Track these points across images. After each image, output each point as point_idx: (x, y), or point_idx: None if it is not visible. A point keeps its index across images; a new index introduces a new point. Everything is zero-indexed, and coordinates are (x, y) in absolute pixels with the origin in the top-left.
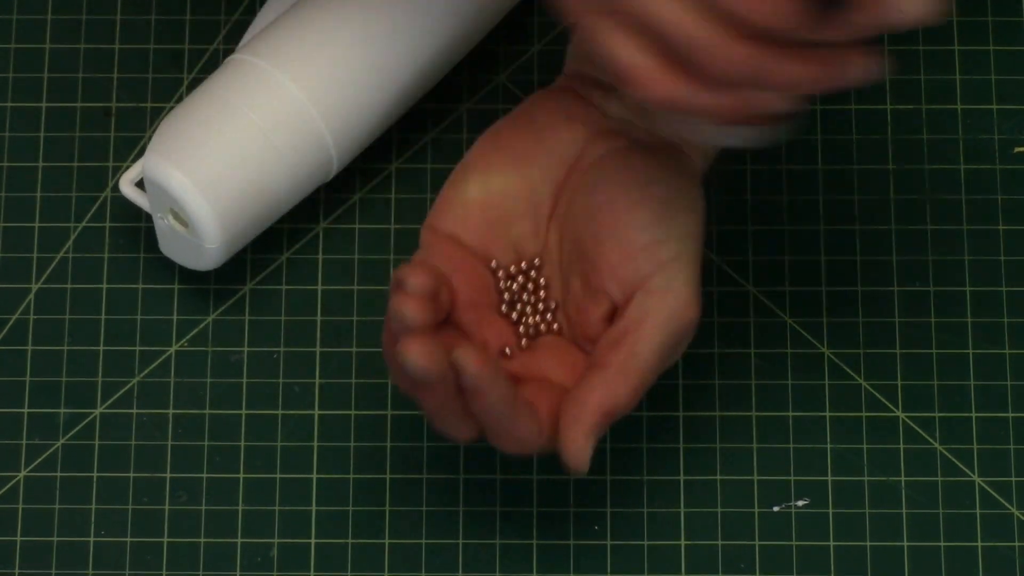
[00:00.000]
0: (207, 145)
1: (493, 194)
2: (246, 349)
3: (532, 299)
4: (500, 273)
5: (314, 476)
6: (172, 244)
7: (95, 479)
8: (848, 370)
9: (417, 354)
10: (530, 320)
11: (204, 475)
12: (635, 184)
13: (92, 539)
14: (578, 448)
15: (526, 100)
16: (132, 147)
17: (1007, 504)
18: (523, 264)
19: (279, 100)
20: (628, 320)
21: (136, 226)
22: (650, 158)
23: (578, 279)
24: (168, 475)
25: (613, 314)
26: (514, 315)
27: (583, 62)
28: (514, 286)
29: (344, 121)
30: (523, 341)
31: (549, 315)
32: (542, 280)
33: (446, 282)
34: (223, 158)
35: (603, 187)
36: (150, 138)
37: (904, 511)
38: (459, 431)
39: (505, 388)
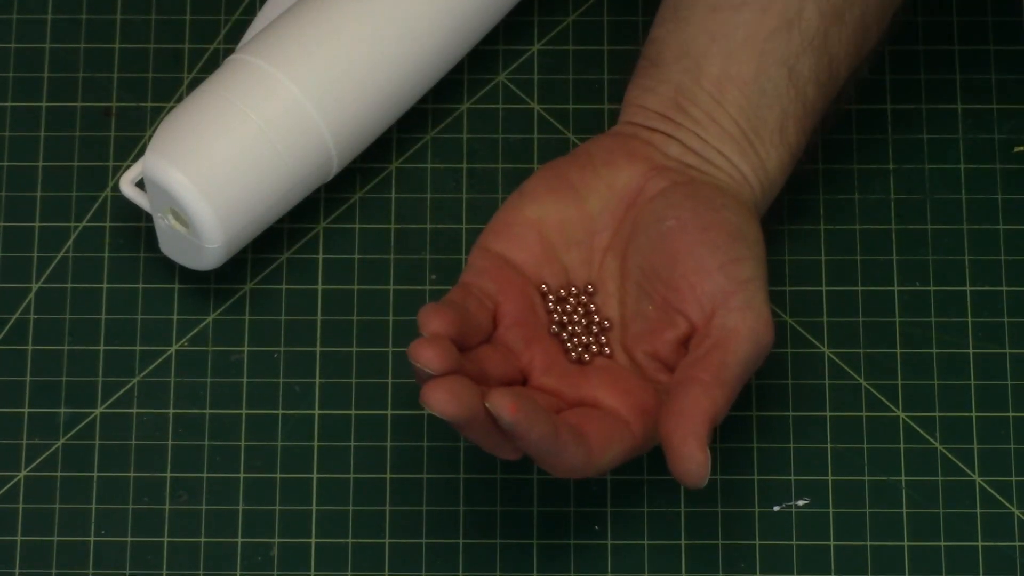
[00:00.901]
0: (207, 145)
1: (550, 220)
2: (246, 349)
3: (584, 322)
4: (551, 296)
5: (314, 476)
6: (172, 244)
7: (95, 479)
8: (848, 370)
9: (439, 401)
10: (581, 340)
11: (204, 475)
12: (706, 208)
13: (92, 539)
14: (699, 462)
15: (586, 142)
16: (132, 147)
17: (1007, 504)
18: (573, 289)
19: (279, 100)
20: (715, 336)
21: (136, 226)
22: (714, 188)
23: (652, 304)
24: (168, 475)
25: (688, 337)
26: (564, 335)
27: (642, 107)
28: (566, 307)
29: (344, 121)
30: (572, 363)
31: (603, 338)
32: (592, 306)
33: (488, 303)
34: (223, 158)
35: (673, 213)
36: (150, 138)
37: (904, 511)
38: (506, 454)
39: (546, 426)
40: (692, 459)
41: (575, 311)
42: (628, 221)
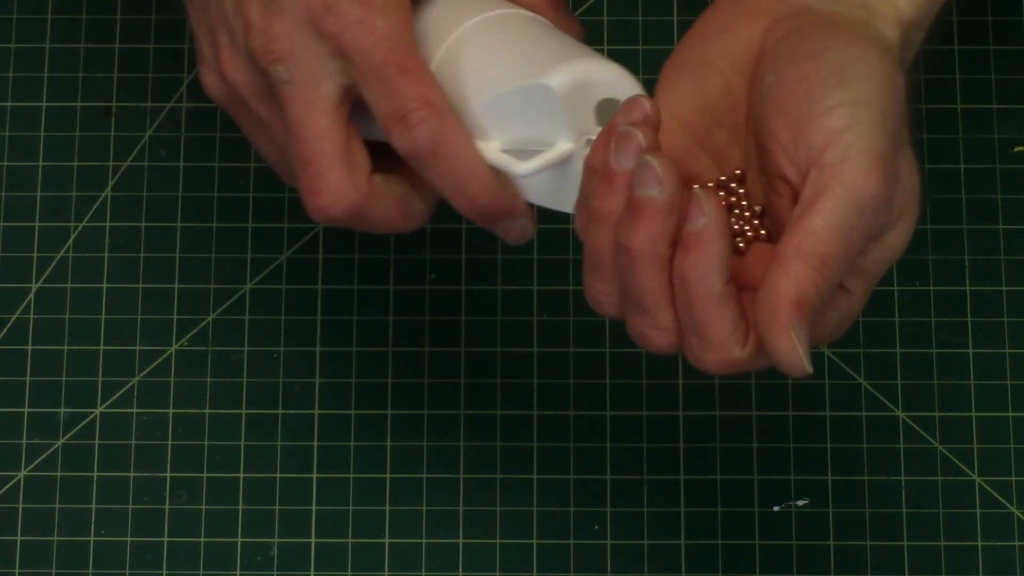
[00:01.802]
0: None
1: (683, 111)
2: (246, 349)
3: (738, 210)
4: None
5: (314, 476)
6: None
7: (95, 479)
8: (848, 370)
9: (660, 163)
10: (737, 228)
11: (204, 475)
12: (805, 56)
13: (92, 539)
14: (785, 349)
15: (708, 6)
16: (132, 147)
17: (1007, 504)
18: (722, 179)
19: None
20: (803, 200)
21: (136, 226)
22: (826, 30)
23: (765, 176)
24: (168, 475)
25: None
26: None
27: None
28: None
29: None
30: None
31: (756, 221)
32: (742, 191)
33: None
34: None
35: (773, 68)
36: (150, 138)
37: (904, 511)
38: (658, 326)
39: (726, 247)
40: (778, 348)
41: (728, 200)
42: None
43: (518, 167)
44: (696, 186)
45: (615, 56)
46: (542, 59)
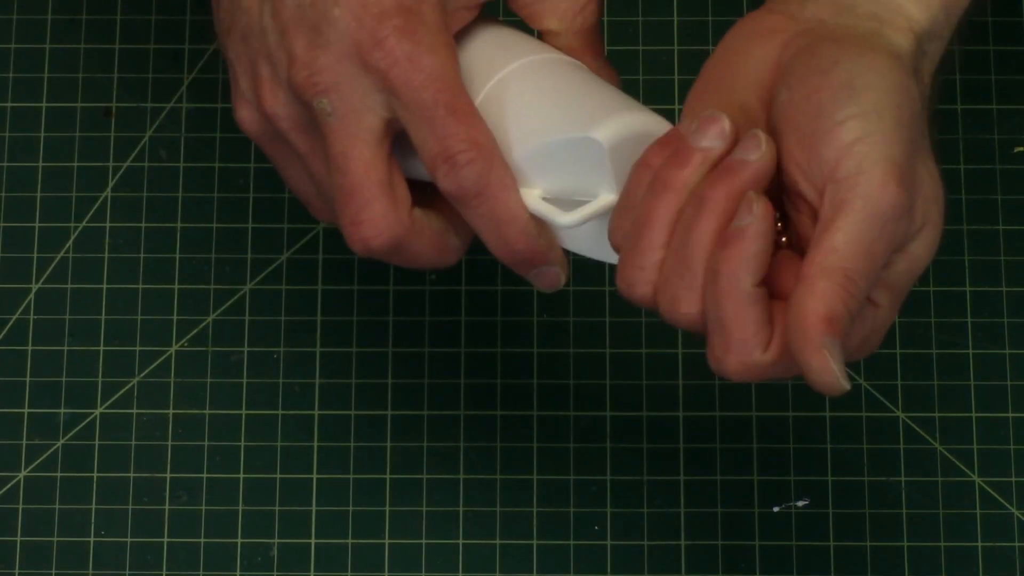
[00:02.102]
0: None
1: None
2: (246, 349)
3: None
4: None
5: (314, 476)
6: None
7: (95, 479)
8: (848, 371)
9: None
10: None
11: (204, 475)
12: (815, 71)
13: (92, 539)
14: (819, 369)
15: (730, 29)
16: (132, 147)
17: (1007, 504)
18: None
19: None
20: (823, 217)
21: (136, 226)
22: (836, 44)
23: (785, 194)
24: (168, 475)
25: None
26: None
27: None
28: None
29: None
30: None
31: (779, 224)
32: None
33: None
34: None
35: (787, 84)
36: (150, 138)
37: (904, 511)
38: (684, 300)
39: (765, 249)
40: (812, 370)
41: None
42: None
43: (562, 218)
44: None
45: (615, 56)
46: (589, 110)
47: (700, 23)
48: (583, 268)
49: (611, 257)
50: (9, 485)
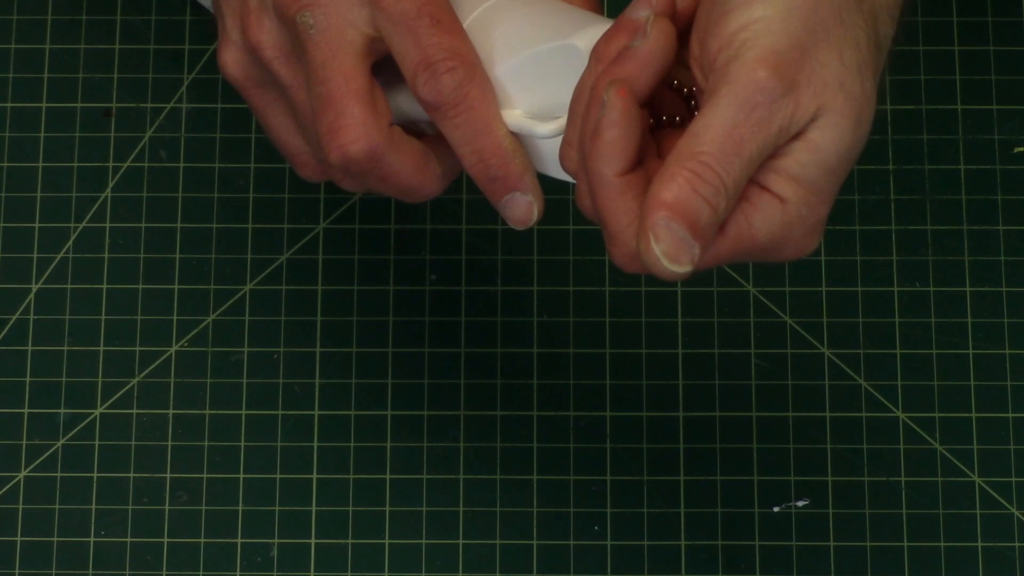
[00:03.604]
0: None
1: None
2: (246, 349)
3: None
4: None
5: (314, 476)
6: None
7: (95, 479)
8: (848, 370)
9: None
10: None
11: (204, 475)
12: None
13: (92, 539)
14: (642, 249)
15: None
16: (132, 147)
17: (1007, 504)
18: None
19: None
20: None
21: (136, 227)
22: None
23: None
24: (168, 475)
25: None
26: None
27: None
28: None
29: None
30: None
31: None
32: (676, 81)
33: None
34: None
35: None
36: (150, 138)
37: (904, 511)
38: (580, 192)
39: (625, 138)
40: (643, 253)
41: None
42: None
43: (541, 128)
44: (614, 80)
45: None
46: (569, 25)
47: None
48: (583, 268)
49: None
50: (9, 485)
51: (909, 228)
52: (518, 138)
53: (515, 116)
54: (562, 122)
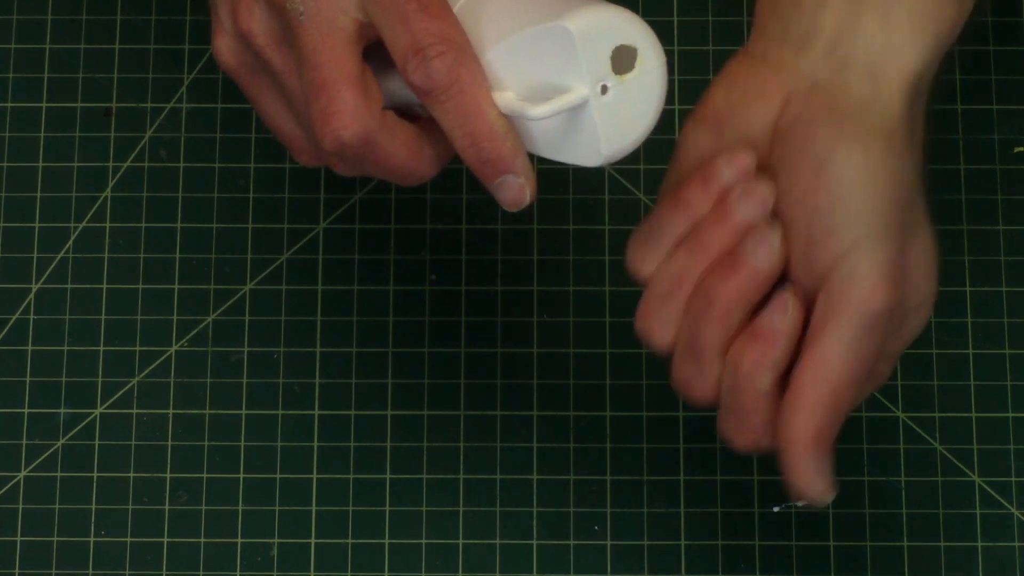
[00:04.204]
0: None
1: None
2: (246, 349)
3: None
4: None
5: (314, 476)
6: (584, 126)
7: (95, 479)
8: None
9: (777, 236)
10: None
11: (204, 475)
12: (809, 167)
13: (92, 539)
14: (806, 487)
15: (721, 73)
16: (132, 147)
17: (1007, 504)
18: None
19: None
20: (814, 322)
21: (136, 227)
22: (828, 127)
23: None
24: (168, 475)
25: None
26: None
27: (770, 23)
28: None
29: None
30: None
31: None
32: None
33: None
34: None
35: (784, 169)
36: (150, 138)
37: (904, 511)
38: (706, 379)
39: (790, 350)
40: (800, 488)
41: None
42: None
43: (533, 111)
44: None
45: None
46: (559, 6)
47: (700, 23)
48: (583, 268)
49: (581, 158)
50: (9, 485)
51: None
52: (510, 120)
53: (507, 99)
54: (556, 104)
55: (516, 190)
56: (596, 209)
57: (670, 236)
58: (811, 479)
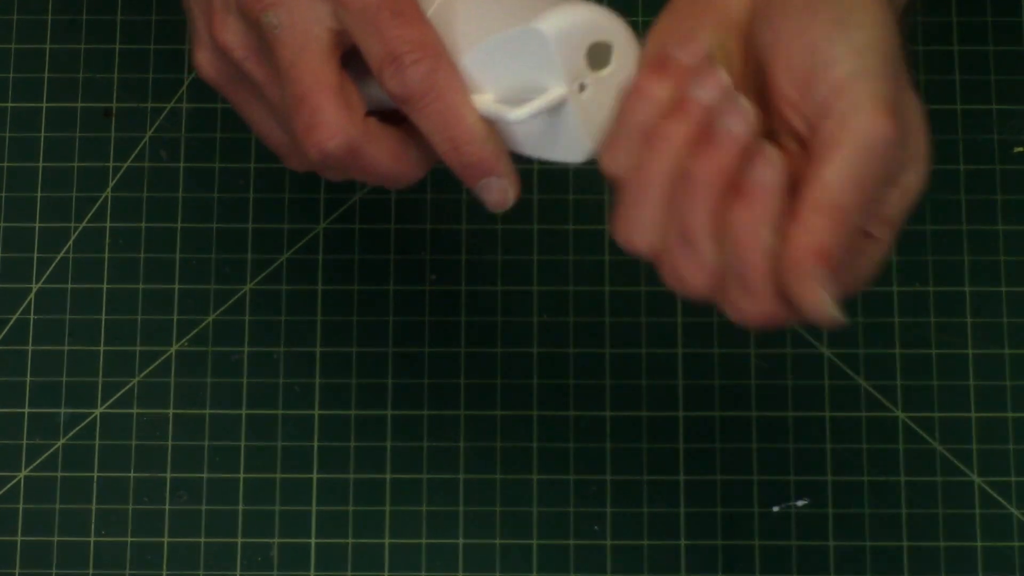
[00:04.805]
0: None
1: None
2: (246, 349)
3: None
4: None
5: (314, 476)
6: (566, 125)
7: (95, 479)
8: (848, 370)
9: (745, 100)
10: None
11: (204, 475)
12: (801, 8)
13: (92, 539)
14: (814, 302)
15: None
16: (132, 147)
17: (1007, 504)
18: None
19: None
20: (816, 154)
21: (136, 227)
22: None
23: (771, 126)
24: (168, 475)
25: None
26: None
27: None
28: None
29: None
30: None
31: None
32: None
33: None
34: None
35: (770, 23)
36: (150, 138)
37: (904, 511)
38: (699, 262)
39: (783, 203)
40: (807, 304)
41: None
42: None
43: (512, 114)
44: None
45: None
46: (533, 8)
47: None
48: (583, 268)
49: (565, 155)
50: (9, 485)
51: (909, 228)
52: (490, 123)
53: (486, 102)
54: (534, 106)
55: (499, 191)
56: (595, 209)
57: (636, 128)
58: (820, 297)
